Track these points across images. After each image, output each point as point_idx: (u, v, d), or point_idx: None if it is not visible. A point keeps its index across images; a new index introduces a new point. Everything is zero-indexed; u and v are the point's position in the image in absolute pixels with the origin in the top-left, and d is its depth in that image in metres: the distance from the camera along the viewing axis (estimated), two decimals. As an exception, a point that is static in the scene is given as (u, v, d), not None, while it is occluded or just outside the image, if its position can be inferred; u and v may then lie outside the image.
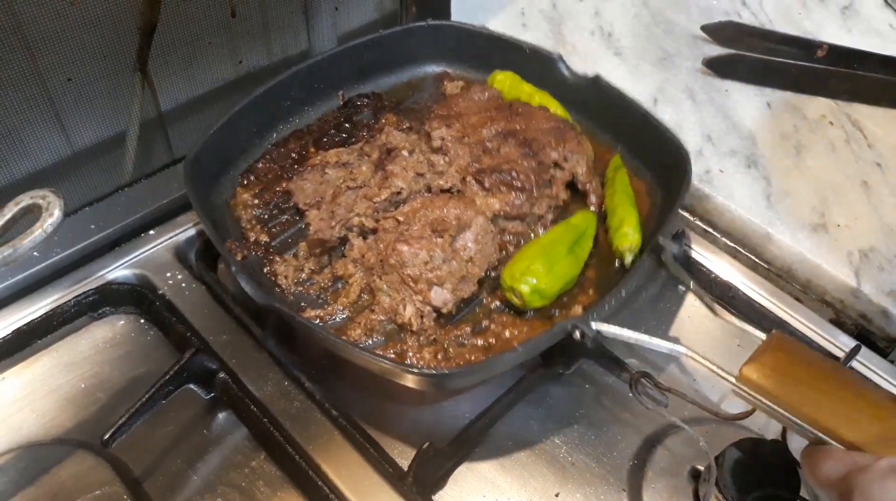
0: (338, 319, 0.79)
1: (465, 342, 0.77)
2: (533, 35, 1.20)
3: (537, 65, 1.01)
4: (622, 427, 0.77)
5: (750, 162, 1.01)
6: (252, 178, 0.91)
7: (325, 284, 0.82)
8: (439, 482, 0.72)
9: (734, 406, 0.77)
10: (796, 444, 0.71)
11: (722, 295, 0.89)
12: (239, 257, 0.81)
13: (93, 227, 0.86)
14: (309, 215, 0.85)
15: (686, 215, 0.97)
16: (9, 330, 0.78)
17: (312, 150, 0.93)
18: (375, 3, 1.16)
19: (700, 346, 0.82)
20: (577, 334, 0.69)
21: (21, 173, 0.89)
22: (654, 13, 1.27)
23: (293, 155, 0.92)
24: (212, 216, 0.83)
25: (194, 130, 1.02)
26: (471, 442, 0.73)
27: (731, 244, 0.95)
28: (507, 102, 0.97)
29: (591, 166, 0.92)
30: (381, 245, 0.80)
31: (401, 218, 0.81)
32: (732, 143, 1.03)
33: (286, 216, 0.88)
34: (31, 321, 0.79)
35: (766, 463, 0.68)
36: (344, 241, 0.83)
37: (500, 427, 0.76)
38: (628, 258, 0.83)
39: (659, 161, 0.92)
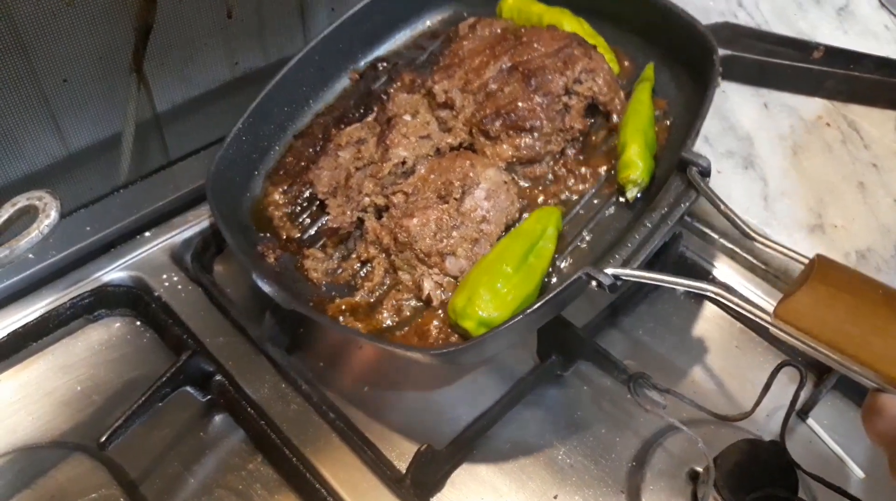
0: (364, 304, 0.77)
1: None
2: None
3: None
4: (620, 429, 0.77)
5: (747, 163, 1.01)
6: (281, 173, 0.88)
7: (354, 270, 0.79)
8: (437, 484, 0.71)
9: (732, 407, 0.77)
10: (794, 445, 0.72)
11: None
12: (271, 259, 0.80)
13: (88, 229, 0.86)
14: (329, 204, 0.82)
15: (683, 215, 0.98)
16: (4, 333, 0.77)
17: (334, 131, 0.89)
18: (372, 4, 1.16)
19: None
20: (594, 283, 0.64)
21: (16, 175, 0.89)
22: None
23: (318, 142, 0.89)
24: (245, 223, 0.82)
25: (191, 132, 1.02)
26: (469, 445, 0.73)
27: (728, 245, 0.95)
28: (513, 31, 0.90)
29: (611, 81, 0.84)
30: (392, 223, 0.77)
31: (409, 190, 0.78)
32: (729, 144, 1.03)
33: (313, 208, 0.85)
34: (27, 323, 0.78)
35: (764, 464, 0.68)
36: (361, 223, 0.80)
37: (497, 430, 0.76)
38: (632, 191, 0.76)
39: (686, 59, 0.85)
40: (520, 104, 0.80)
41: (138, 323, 0.83)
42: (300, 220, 0.85)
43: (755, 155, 1.02)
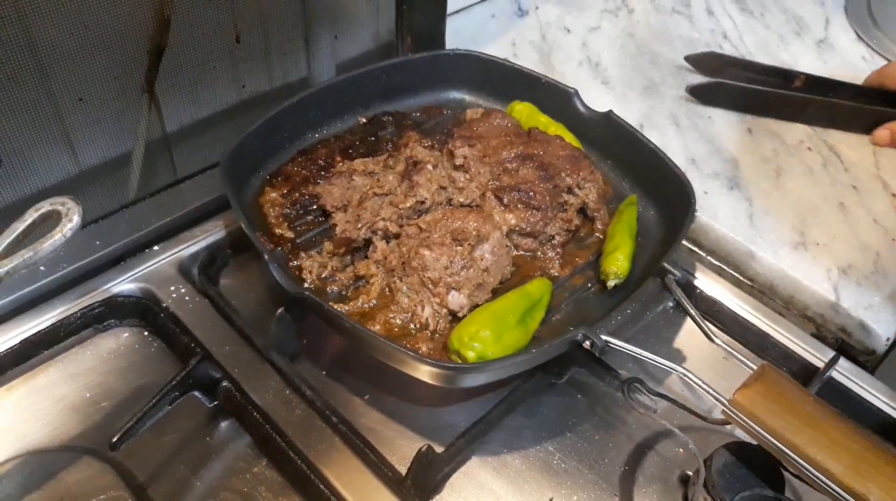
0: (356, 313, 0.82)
1: None
2: (523, 65, 1.25)
3: (554, 98, 1.06)
4: (613, 435, 0.79)
5: (732, 184, 1.05)
6: (280, 179, 0.96)
7: (346, 281, 0.85)
8: (437, 486, 0.74)
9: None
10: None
11: (708, 310, 0.92)
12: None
13: (98, 243, 0.88)
14: (335, 216, 0.90)
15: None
16: (16, 340, 0.80)
17: (339, 158, 0.99)
18: (372, 34, 1.21)
19: (695, 363, 0.87)
20: (588, 343, 0.73)
21: (29, 191, 0.91)
22: (639, 45, 1.33)
23: (320, 161, 0.98)
24: (243, 211, 0.86)
25: (198, 152, 1.05)
26: (467, 448, 0.75)
27: (716, 262, 0.99)
28: (526, 130, 1.02)
29: (601, 195, 0.96)
30: (404, 249, 0.84)
31: (423, 226, 0.86)
32: (715, 166, 1.08)
33: (312, 217, 0.92)
34: (39, 331, 0.81)
35: (752, 465, 0.71)
36: (368, 243, 0.88)
37: (494, 436, 0.78)
38: (612, 282, 0.86)
39: (665, 194, 0.95)
40: (532, 185, 0.91)
41: (146, 333, 0.85)
42: (297, 223, 0.91)
43: (740, 177, 1.06)
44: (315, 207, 0.93)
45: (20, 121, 0.85)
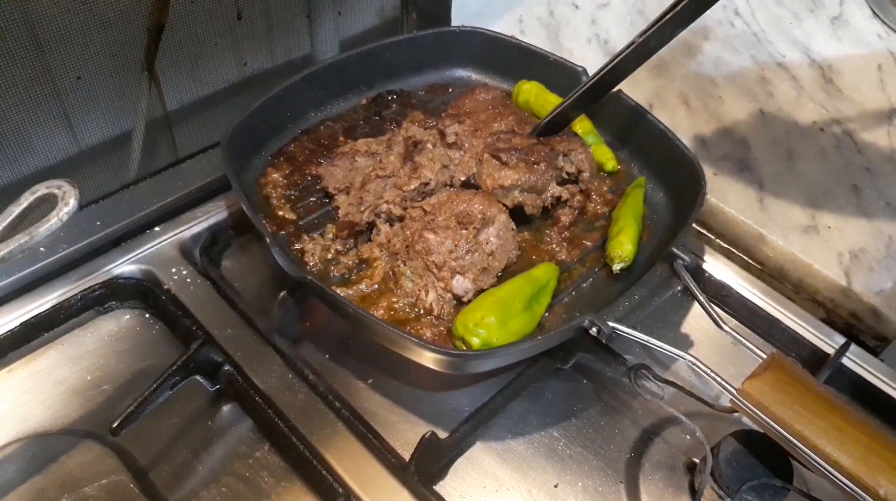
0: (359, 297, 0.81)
1: None
2: (531, 42, 1.22)
3: (562, 77, 1.04)
4: (619, 421, 0.79)
5: (743, 166, 1.03)
6: (282, 159, 0.94)
7: (349, 265, 0.84)
8: (441, 472, 0.73)
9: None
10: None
11: (716, 294, 0.91)
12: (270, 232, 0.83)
13: (98, 223, 0.87)
14: (338, 198, 0.89)
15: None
16: (16, 322, 0.79)
17: (342, 138, 0.97)
18: (377, 9, 1.19)
19: (703, 348, 0.86)
20: (595, 330, 0.71)
21: (28, 171, 0.90)
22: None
23: (323, 141, 0.97)
24: (244, 191, 0.85)
25: (199, 130, 1.04)
26: (471, 434, 0.75)
27: (725, 245, 0.98)
28: (513, 106, 1.00)
29: (594, 172, 0.95)
30: (408, 232, 0.83)
31: (427, 208, 0.84)
32: (726, 147, 1.06)
33: (314, 198, 0.91)
34: (39, 313, 0.80)
35: (760, 454, 0.70)
36: (371, 226, 0.86)
37: (499, 421, 0.78)
38: (617, 266, 0.85)
39: (674, 176, 0.94)
40: (530, 147, 0.90)
41: (147, 315, 0.84)
42: (299, 205, 0.90)
43: (751, 158, 1.04)
44: (318, 188, 0.91)
45: (17, 99, 0.84)
